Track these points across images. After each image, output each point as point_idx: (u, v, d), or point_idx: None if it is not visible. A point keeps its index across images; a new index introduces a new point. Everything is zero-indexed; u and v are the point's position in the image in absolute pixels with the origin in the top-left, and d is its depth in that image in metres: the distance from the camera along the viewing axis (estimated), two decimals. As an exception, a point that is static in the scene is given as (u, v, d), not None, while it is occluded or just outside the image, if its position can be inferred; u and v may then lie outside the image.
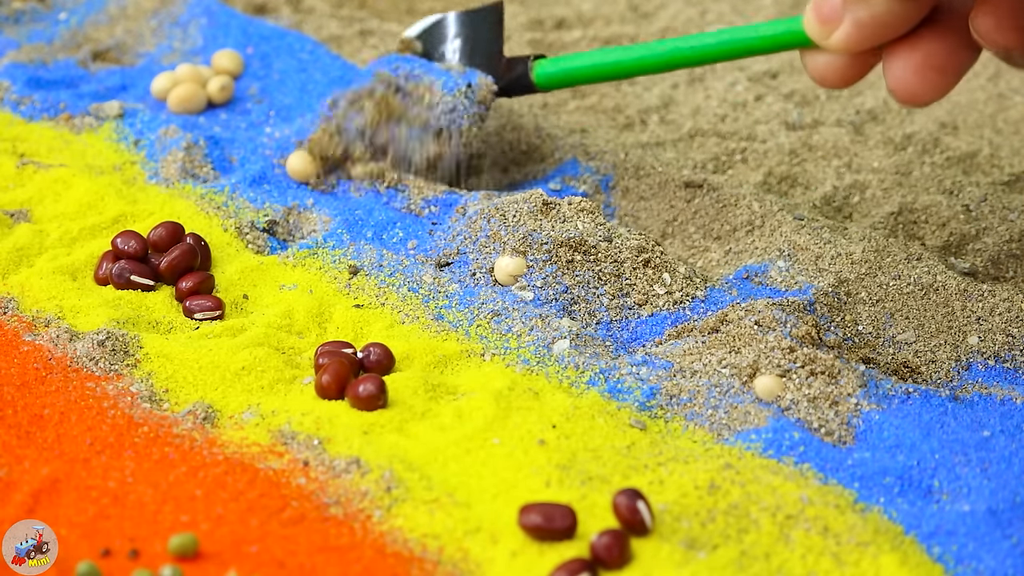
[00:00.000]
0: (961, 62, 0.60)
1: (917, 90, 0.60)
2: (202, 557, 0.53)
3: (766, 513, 0.54)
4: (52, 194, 0.75)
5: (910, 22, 0.59)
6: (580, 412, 0.59)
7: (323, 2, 1.02)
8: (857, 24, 0.59)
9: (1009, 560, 0.53)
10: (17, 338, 0.64)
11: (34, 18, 0.97)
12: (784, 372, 0.61)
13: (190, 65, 0.86)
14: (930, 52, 0.59)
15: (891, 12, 0.58)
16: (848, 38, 0.60)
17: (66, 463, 0.57)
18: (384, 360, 0.63)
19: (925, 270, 0.69)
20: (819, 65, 0.63)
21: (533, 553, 0.52)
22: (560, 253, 0.68)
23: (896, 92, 0.60)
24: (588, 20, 1.02)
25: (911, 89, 0.60)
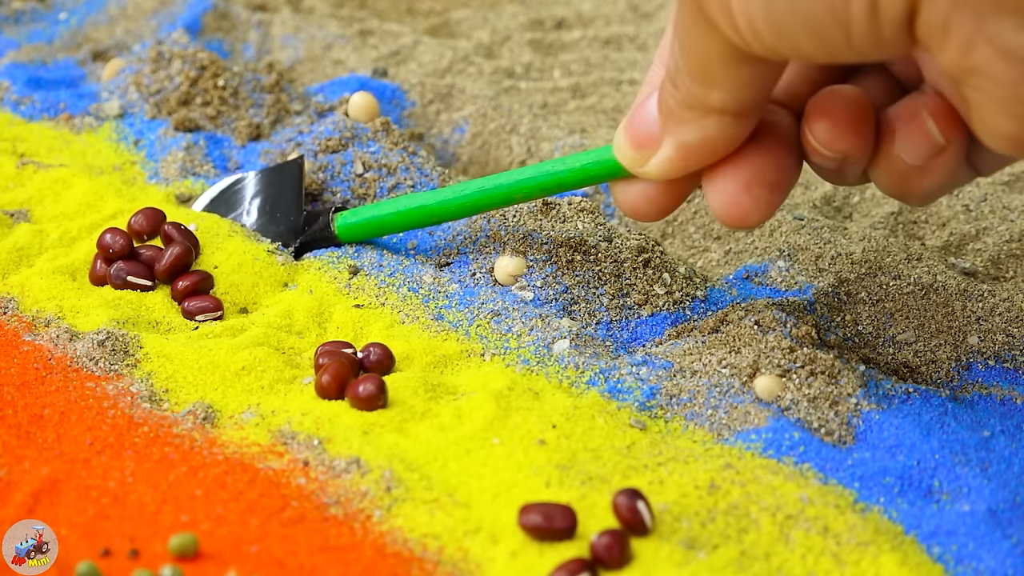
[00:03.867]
0: (789, 177, 0.55)
1: (747, 210, 0.55)
2: (202, 557, 0.53)
3: (766, 513, 0.54)
4: (52, 194, 0.75)
5: (739, 141, 0.54)
6: (580, 412, 0.59)
7: (323, 2, 1.02)
8: (681, 147, 0.54)
9: (1009, 560, 0.53)
10: (17, 338, 0.64)
11: (34, 18, 0.97)
12: (784, 372, 0.61)
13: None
14: (757, 169, 0.54)
15: (720, 133, 0.53)
16: (669, 163, 0.55)
17: (66, 463, 0.57)
18: (384, 360, 0.63)
19: (925, 270, 0.69)
20: (631, 197, 0.58)
21: (533, 553, 0.52)
22: (560, 253, 0.68)
23: (724, 216, 0.55)
24: (588, 20, 1.03)
25: (741, 210, 0.55)
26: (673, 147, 0.54)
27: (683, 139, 0.54)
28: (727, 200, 0.55)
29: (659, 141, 0.55)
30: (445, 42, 0.96)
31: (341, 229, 0.69)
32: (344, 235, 0.69)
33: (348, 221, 0.69)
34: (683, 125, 0.53)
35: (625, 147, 0.56)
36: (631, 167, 0.57)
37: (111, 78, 0.85)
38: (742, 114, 0.53)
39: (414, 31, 0.99)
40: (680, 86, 0.52)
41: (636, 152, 0.56)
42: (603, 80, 0.93)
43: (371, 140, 0.78)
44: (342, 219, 0.69)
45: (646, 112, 0.55)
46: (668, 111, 0.54)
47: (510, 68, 0.94)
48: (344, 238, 0.69)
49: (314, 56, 0.93)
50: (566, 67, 0.95)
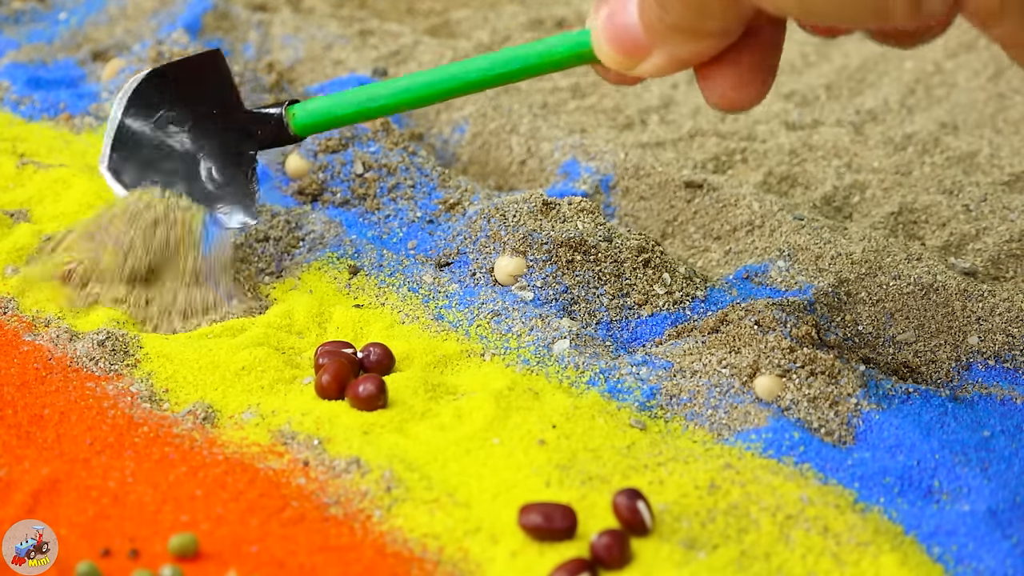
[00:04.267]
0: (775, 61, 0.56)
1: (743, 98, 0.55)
2: (202, 557, 0.53)
3: (766, 513, 0.54)
4: (52, 194, 0.75)
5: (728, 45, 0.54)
6: (580, 412, 0.59)
7: (323, 2, 1.02)
8: (672, 59, 0.54)
9: (1009, 560, 0.53)
10: (17, 338, 0.64)
11: (34, 18, 0.97)
12: (784, 372, 0.61)
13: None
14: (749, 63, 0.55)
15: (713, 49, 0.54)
16: (659, 69, 0.55)
17: (66, 463, 0.57)
18: (384, 360, 0.63)
19: (925, 270, 0.69)
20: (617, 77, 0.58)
21: (533, 553, 0.52)
22: (560, 253, 0.68)
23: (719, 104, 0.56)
24: (588, 20, 1.03)
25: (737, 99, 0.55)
26: (664, 58, 0.54)
27: (675, 53, 0.54)
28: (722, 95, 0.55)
29: (647, 50, 0.54)
30: (445, 42, 0.96)
31: (298, 123, 0.65)
32: (302, 129, 0.65)
33: (306, 110, 0.65)
34: (674, 43, 0.53)
35: (609, 51, 0.55)
36: (618, 68, 0.56)
37: (111, 78, 0.85)
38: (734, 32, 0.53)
39: (414, 31, 0.99)
40: (670, 11, 0.52)
41: (623, 58, 0.55)
42: (603, 80, 0.93)
43: (371, 140, 0.78)
44: (300, 112, 0.65)
45: (627, 21, 0.54)
46: (656, 31, 0.53)
47: (510, 68, 0.94)
48: (302, 132, 0.66)
49: (314, 56, 0.93)
50: (566, 67, 0.95)
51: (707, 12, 0.51)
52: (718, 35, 0.53)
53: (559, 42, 0.58)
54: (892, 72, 0.94)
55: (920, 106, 0.88)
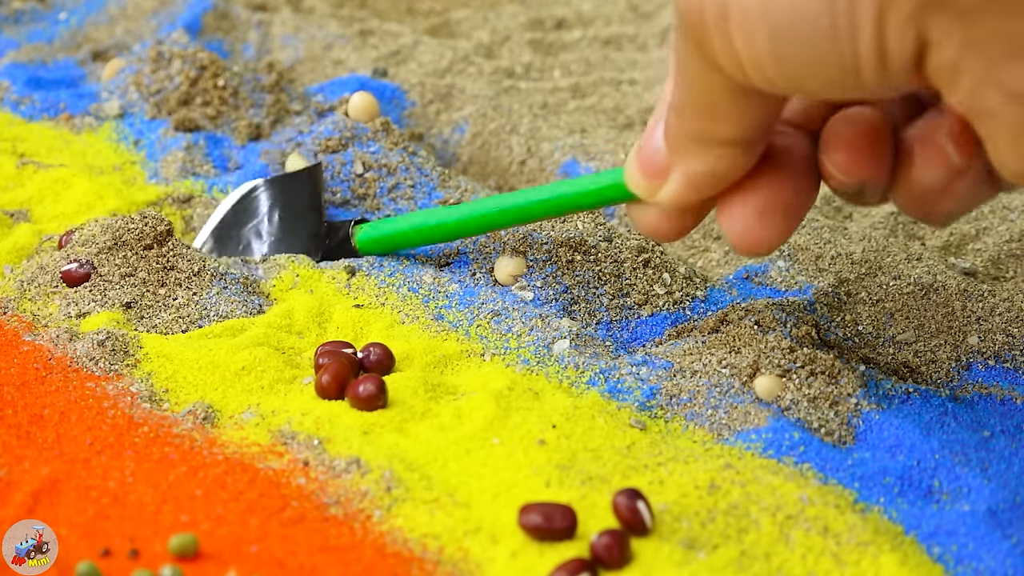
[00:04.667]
0: (805, 201, 0.54)
1: (761, 237, 0.54)
2: (202, 557, 0.53)
3: (766, 513, 0.54)
4: (52, 194, 0.75)
5: (747, 168, 0.53)
6: (580, 412, 0.59)
7: (323, 2, 1.02)
8: (688, 178, 0.53)
9: (1009, 560, 0.53)
10: (17, 338, 0.64)
11: (34, 18, 0.97)
12: (784, 372, 0.61)
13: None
14: (771, 195, 0.53)
15: (729, 164, 0.52)
16: (678, 193, 0.54)
17: (66, 463, 0.57)
18: (384, 360, 0.63)
19: (925, 270, 0.69)
20: (650, 219, 0.57)
21: (533, 553, 0.52)
22: (560, 253, 0.68)
23: (738, 243, 0.54)
24: (588, 20, 1.03)
25: (755, 237, 0.54)
26: (681, 177, 0.54)
27: (691, 170, 0.53)
28: (742, 228, 0.54)
29: (667, 171, 0.54)
30: (445, 42, 0.96)
31: (362, 242, 0.70)
32: (364, 248, 0.70)
33: (369, 235, 0.69)
34: (690, 156, 0.53)
35: (636, 176, 0.56)
36: (643, 195, 0.56)
37: (111, 78, 0.85)
38: (749, 143, 0.52)
39: (414, 31, 0.99)
40: (685, 119, 0.52)
41: (647, 181, 0.55)
42: (603, 80, 0.93)
43: (371, 140, 0.78)
44: (363, 233, 0.70)
45: (654, 141, 0.55)
46: (674, 143, 0.53)
47: (510, 68, 0.94)
48: (364, 251, 0.70)
49: (314, 56, 0.93)
50: (566, 67, 0.95)
51: (716, 113, 0.50)
52: (732, 144, 0.52)
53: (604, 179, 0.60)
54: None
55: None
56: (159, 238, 0.67)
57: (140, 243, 0.67)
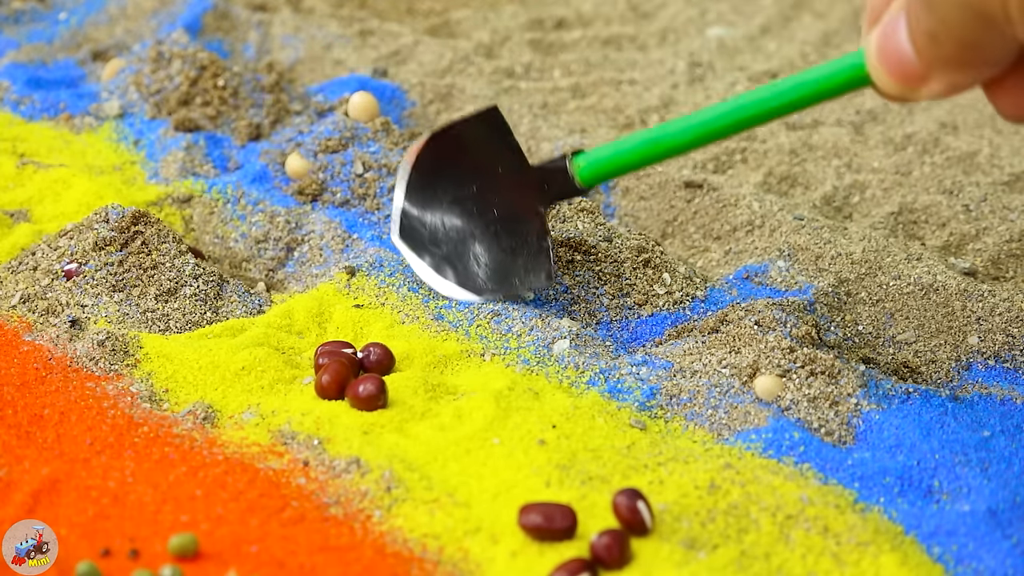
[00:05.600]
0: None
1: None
2: (202, 557, 0.53)
3: (766, 513, 0.54)
4: (52, 194, 0.75)
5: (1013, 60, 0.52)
6: (580, 412, 0.59)
7: (323, 2, 1.02)
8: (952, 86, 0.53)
9: (1009, 560, 0.53)
10: (17, 338, 0.64)
11: (34, 18, 0.97)
12: (784, 372, 0.61)
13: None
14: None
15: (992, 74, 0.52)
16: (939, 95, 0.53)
17: (66, 463, 0.57)
18: (384, 360, 0.63)
19: (925, 270, 0.69)
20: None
21: (533, 553, 0.52)
22: (560, 253, 0.68)
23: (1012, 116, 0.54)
24: (588, 20, 1.03)
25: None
26: (942, 85, 0.52)
27: (952, 81, 0.52)
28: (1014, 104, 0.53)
29: (925, 77, 0.53)
30: (445, 42, 0.96)
31: (585, 175, 0.62)
32: (588, 179, 0.62)
33: (593, 163, 0.62)
34: (950, 73, 0.52)
35: (886, 79, 0.54)
36: (898, 95, 0.54)
37: (111, 78, 0.86)
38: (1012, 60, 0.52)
39: (414, 31, 0.99)
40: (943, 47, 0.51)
41: (902, 85, 0.53)
42: (603, 80, 0.93)
43: (371, 140, 0.78)
44: (586, 164, 0.62)
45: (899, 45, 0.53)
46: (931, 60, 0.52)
47: (510, 68, 0.94)
48: (588, 183, 0.63)
49: (314, 56, 0.93)
50: (566, 67, 0.95)
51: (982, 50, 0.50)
52: (994, 64, 0.51)
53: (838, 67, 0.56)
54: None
55: (920, 106, 0.88)
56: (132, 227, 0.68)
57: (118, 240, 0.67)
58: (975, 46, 0.50)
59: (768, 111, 0.58)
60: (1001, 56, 0.51)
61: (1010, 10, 0.48)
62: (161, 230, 0.69)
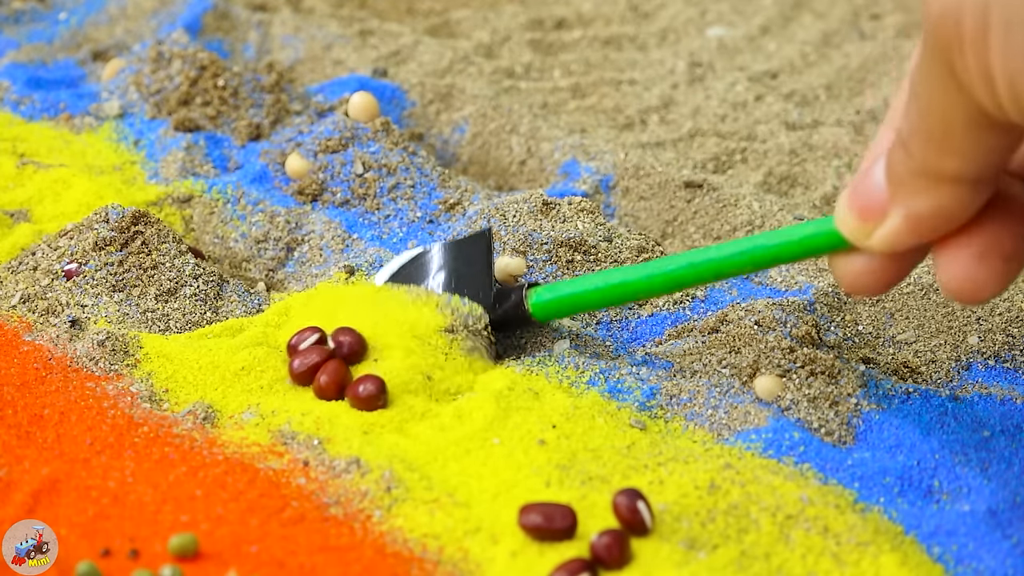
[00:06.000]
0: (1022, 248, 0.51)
1: (982, 283, 0.50)
2: (202, 557, 0.53)
3: (766, 513, 0.54)
4: (52, 194, 0.75)
5: (974, 211, 0.50)
6: (580, 412, 0.59)
7: (323, 2, 1.02)
8: (910, 218, 0.50)
9: (1009, 560, 0.53)
10: (17, 338, 0.64)
11: (34, 18, 0.97)
12: (784, 372, 0.61)
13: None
14: (993, 239, 0.50)
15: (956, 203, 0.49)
16: (896, 235, 0.51)
17: (66, 463, 0.57)
18: (356, 347, 0.62)
19: (925, 270, 0.69)
20: (853, 270, 0.54)
21: (533, 553, 0.52)
22: (560, 253, 0.68)
23: (956, 290, 0.51)
24: (588, 20, 1.03)
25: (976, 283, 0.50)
26: (902, 218, 0.50)
27: (914, 209, 0.50)
28: (960, 273, 0.50)
29: (886, 212, 0.51)
30: (445, 42, 0.96)
31: (536, 306, 0.63)
32: (539, 313, 0.63)
33: (543, 298, 0.63)
34: (914, 194, 0.49)
35: (849, 218, 0.52)
36: (855, 239, 0.52)
37: (111, 78, 0.86)
38: (980, 182, 0.49)
39: (414, 31, 0.99)
40: (914, 152, 0.49)
41: (861, 223, 0.52)
42: (603, 80, 0.93)
43: (371, 140, 0.78)
44: (537, 296, 0.63)
45: (872, 181, 0.51)
46: (898, 179, 0.50)
47: (510, 68, 0.94)
48: (539, 316, 0.63)
49: (314, 56, 0.93)
50: (566, 67, 0.95)
51: (950, 145, 0.48)
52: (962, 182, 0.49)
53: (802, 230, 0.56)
54: (892, 72, 0.94)
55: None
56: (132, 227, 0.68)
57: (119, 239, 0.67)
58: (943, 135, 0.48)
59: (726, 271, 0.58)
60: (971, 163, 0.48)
61: (963, 33, 0.45)
62: (161, 230, 0.69)
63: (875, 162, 0.52)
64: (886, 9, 1.03)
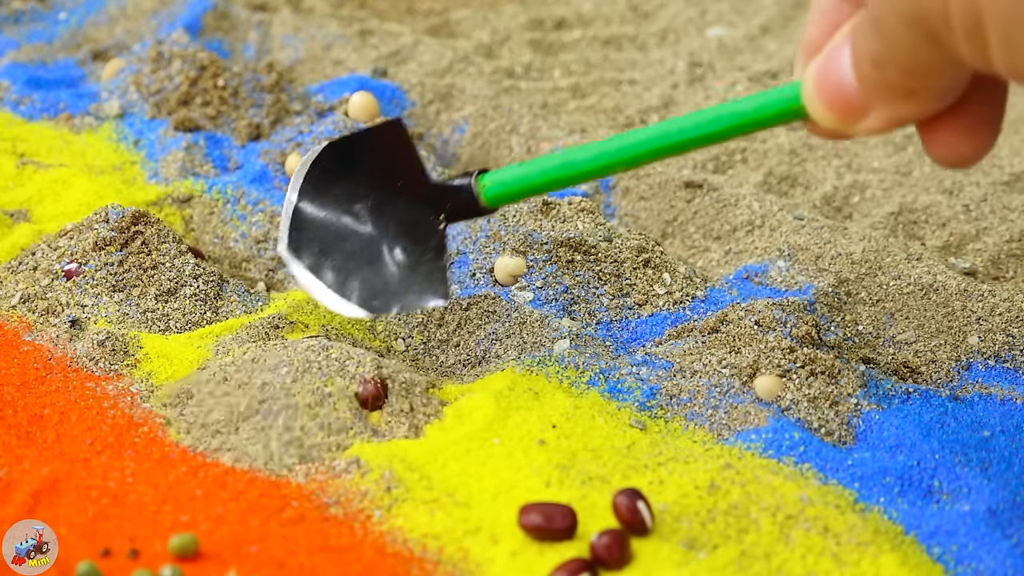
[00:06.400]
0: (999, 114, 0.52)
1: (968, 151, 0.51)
2: (202, 557, 0.53)
3: (766, 513, 0.54)
4: (52, 194, 0.75)
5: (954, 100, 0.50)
6: (580, 412, 0.59)
7: (323, 2, 1.02)
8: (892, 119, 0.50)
9: (1009, 560, 0.53)
10: (17, 338, 0.64)
11: (34, 18, 0.97)
12: (784, 372, 0.61)
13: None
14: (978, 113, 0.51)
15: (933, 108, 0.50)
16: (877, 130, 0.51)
17: (66, 463, 0.57)
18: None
19: (925, 270, 0.69)
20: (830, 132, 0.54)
21: (533, 553, 0.52)
22: (560, 253, 0.68)
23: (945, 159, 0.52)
24: (588, 20, 1.03)
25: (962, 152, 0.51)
26: (882, 118, 0.50)
27: (893, 113, 0.50)
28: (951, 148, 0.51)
29: (863, 109, 0.50)
30: (445, 42, 0.96)
31: (490, 196, 0.59)
32: (493, 199, 0.59)
33: (498, 185, 0.59)
34: (892, 102, 0.49)
35: (823, 111, 0.51)
36: (835, 127, 0.51)
37: (111, 78, 0.86)
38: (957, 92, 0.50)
39: (414, 31, 0.99)
40: (888, 73, 0.49)
41: (838, 117, 0.51)
42: (603, 80, 0.93)
43: (371, 140, 0.78)
44: (491, 184, 0.59)
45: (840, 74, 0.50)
46: (874, 88, 0.50)
47: (510, 68, 0.94)
48: (492, 203, 0.59)
49: (314, 56, 0.93)
50: (566, 67, 0.95)
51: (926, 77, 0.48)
52: (939, 94, 0.49)
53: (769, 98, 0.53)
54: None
55: None
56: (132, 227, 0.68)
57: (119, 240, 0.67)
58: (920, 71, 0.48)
59: (689, 140, 0.55)
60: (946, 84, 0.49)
61: (952, 24, 0.46)
62: (161, 230, 0.69)
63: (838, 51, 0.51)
64: (886, 9, 1.03)
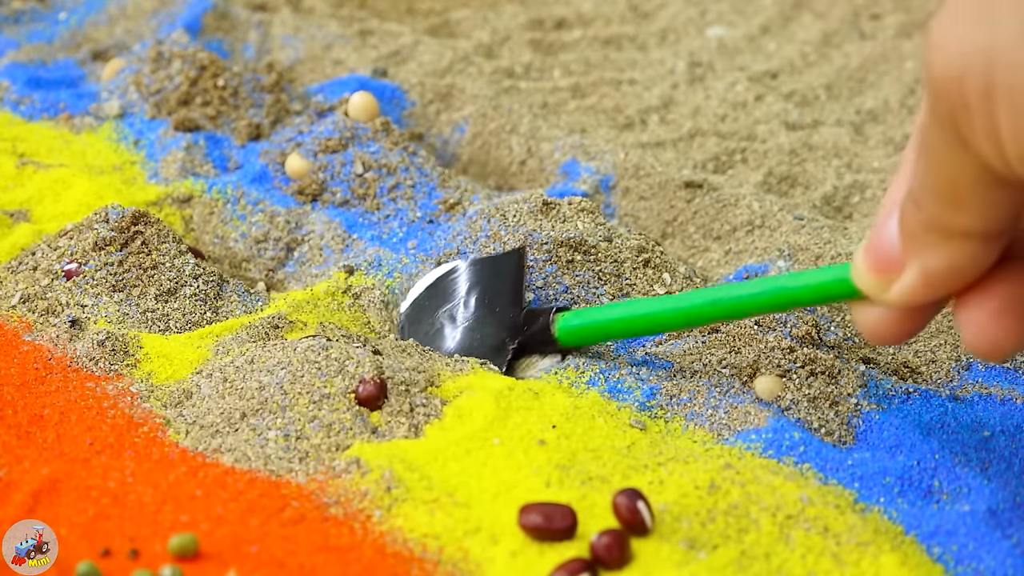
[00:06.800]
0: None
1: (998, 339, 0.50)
2: (202, 557, 0.53)
3: (766, 513, 0.54)
4: (52, 194, 0.75)
5: (987, 265, 0.49)
6: (580, 412, 0.59)
7: (323, 2, 1.02)
8: (925, 274, 0.49)
9: (1009, 560, 0.53)
10: (17, 338, 0.64)
11: (34, 18, 0.97)
12: (784, 372, 0.61)
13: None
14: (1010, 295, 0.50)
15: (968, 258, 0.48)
16: (912, 290, 0.50)
17: (66, 463, 0.57)
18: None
19: (925, 270, 0.69)
20: (874, 320, 0.53)
21: (533, 553, 0.52)
22: (560, 253, 0.68)
23: (974, 343, 0.50)
24: (588, 20, 1.03)
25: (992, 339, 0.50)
26: (917, 273, 0.50)
27: (928, 265, 0.49)
28: (978, 330, 0.50)
29: (901, 266, 0.50)
30: (445, 42, 0.96)
31: (562, 332, 0.63)
32: (564, 338, 0.63)
33: (570, 324, 0.62)
34: (927, 249, 0.49)
35: (865, 271, 0.52)
36: (871, 293, 0.52)
37: (111, 78, 0.86)
38: (991, 237, 0.48)
39: (414, 31, 0.99)
40: (924, 207, 0.48)
41: (877, 277, 0.51)
42: (603, 80, 0.93)
43: (371, 140, 0.78)
44: (563, 321, 0.63)
45: (886, 234, 0.51)
46: (911, 234, 0.49)
47: (510, 68, 0.94)
48: (564, 342, 0.63)
49: (314, 56, 0.93)
50: (566, 67, 0.95)
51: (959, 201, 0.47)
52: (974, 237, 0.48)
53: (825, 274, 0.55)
54: (892, 72, 0.94)
55: (920, 106, 0.88)
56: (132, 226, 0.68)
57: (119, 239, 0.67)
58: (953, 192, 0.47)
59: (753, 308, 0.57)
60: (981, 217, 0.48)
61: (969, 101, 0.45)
62: (161, 230, 0.69)
63: (889, 216, 0.51)
64: (886, 9, 1.03)
